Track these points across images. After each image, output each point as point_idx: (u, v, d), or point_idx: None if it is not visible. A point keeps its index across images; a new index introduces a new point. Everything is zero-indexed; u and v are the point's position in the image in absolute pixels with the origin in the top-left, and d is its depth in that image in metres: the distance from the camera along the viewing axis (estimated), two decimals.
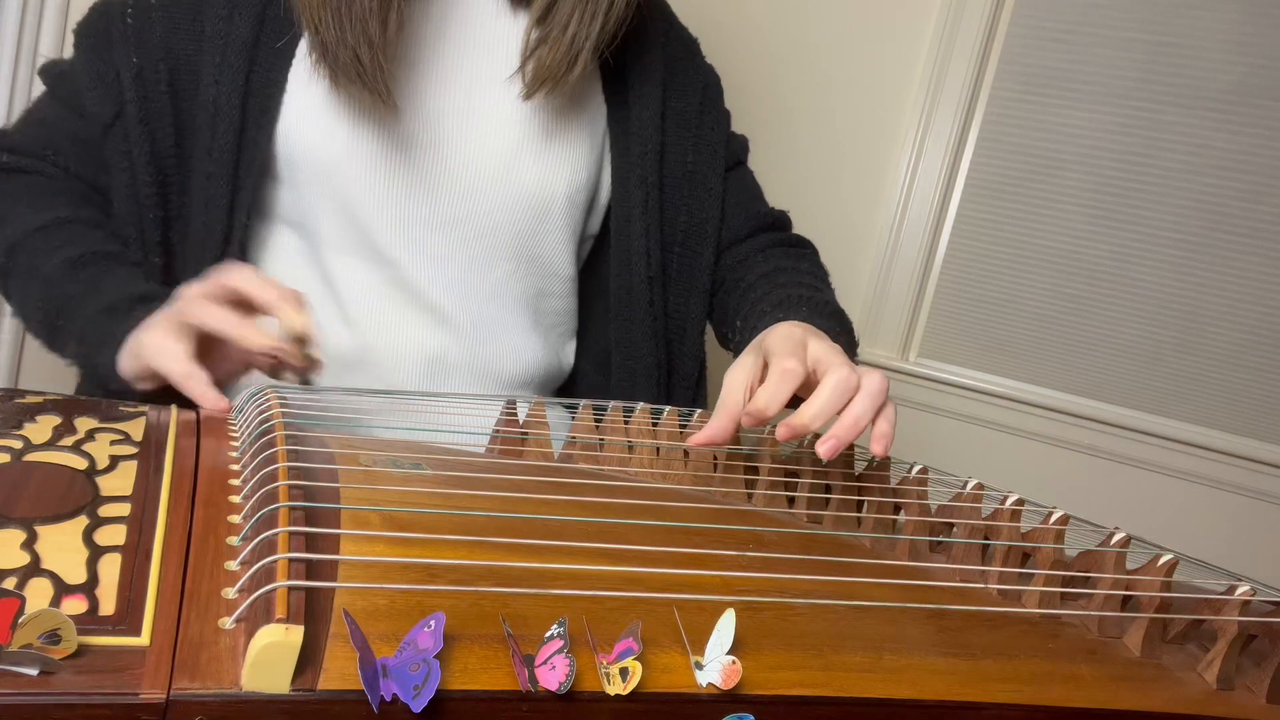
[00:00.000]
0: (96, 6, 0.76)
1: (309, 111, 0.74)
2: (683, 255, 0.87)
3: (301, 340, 0.60)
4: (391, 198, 0.76)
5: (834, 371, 0.59)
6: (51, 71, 0.77)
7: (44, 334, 0.70)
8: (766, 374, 0.61)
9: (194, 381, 0.59)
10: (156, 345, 0.61)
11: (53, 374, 1.34)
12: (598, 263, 0.90)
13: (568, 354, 0.90)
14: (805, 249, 0.93)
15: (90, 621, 0.36)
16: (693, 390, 0.89)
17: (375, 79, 0.71)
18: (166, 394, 0.61)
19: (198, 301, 0.61)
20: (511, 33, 0.79)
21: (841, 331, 0.75)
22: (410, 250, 0.78)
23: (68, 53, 0.78)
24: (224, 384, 0.63)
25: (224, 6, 0.73)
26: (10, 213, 0.72)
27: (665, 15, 0.89)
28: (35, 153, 0.75)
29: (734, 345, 0.80)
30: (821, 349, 0.61)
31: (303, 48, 0.74)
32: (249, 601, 0.37)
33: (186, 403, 0.72)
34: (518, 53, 0.78)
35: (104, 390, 0.66)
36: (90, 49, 0.74)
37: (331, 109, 0.74)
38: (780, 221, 0.93)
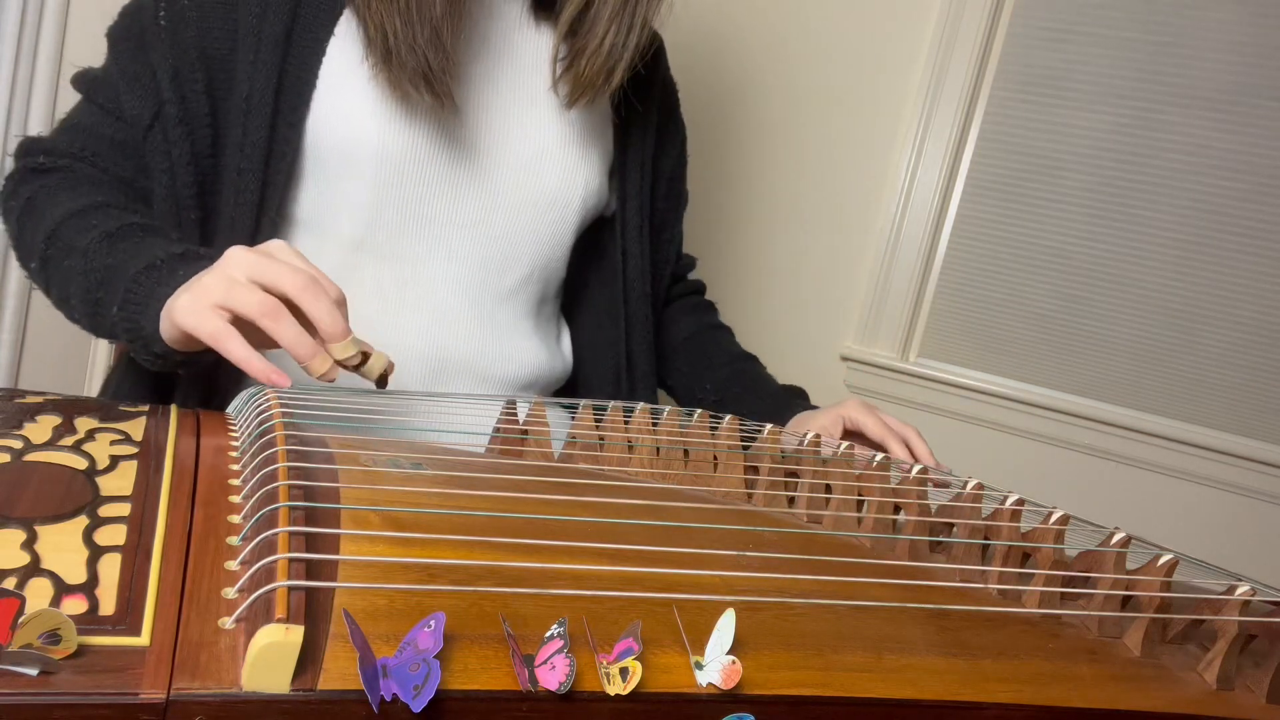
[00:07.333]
0: (128, 9, 0.76)
1: (341, 107, 0.74)
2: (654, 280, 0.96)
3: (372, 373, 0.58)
4: (419, 196, 0.77)
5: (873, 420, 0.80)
6: (85, 78, 0.76)
7: (86, 312, 0.66)
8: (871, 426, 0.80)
9: (233, 342, 0.55)
10: (187, 307, 0.57)
11: (53, 374, 1.35)
12: (585, 268, 0.92)
13: (565, 355, 0.91)
14: (712, 309, 1.04)
15: (90, 621, 0.36)
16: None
17: (443, 83, 0.72)
18: (214, 364, 0.59)
19: (251, 292, 0.56)
20: (534, 42, 0.81)
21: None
22: (428, 249, 0.78)
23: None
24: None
25: (257, 4, 0.73)
26: (47, 204, 0.71)
27: (658, 51, 0.92)
28: (73, 154, 0.74)
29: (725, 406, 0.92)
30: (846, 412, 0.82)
31: (334, 44, 0.74)
32: (249, 601, 0.37)
33: (186, 403, 0.72)
34: (543, 61, 0.81)
35: (152, 357, 0.62)
36: (125, 52, 0.74)
37: (366, 106, 0.74)
38: (688, 267, 1.05)
